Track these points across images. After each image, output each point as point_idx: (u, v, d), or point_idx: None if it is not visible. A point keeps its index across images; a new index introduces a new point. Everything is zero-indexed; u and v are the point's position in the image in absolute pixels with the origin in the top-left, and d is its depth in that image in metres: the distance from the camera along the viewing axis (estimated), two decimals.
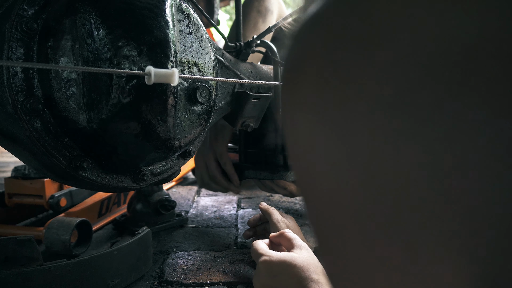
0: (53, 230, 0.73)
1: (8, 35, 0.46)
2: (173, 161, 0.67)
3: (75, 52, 0.49)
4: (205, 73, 0.61)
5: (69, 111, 0.49)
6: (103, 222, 0.93)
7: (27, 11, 0.48)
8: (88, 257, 0.57)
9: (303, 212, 1.08)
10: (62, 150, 0.51)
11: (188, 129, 0.60)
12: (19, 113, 0.47)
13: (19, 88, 0.47)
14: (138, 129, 0.52)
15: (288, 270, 0.50)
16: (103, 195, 0.94)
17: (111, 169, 0.57)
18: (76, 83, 0.49)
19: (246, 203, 1.17)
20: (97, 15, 0.48)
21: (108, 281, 0.60)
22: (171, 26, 0.54)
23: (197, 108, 0.60)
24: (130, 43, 0.49)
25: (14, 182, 0.87)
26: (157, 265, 0.72)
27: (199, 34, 0.60)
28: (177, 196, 1.26)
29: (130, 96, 0.50)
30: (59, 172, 0.52)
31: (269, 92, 0.81)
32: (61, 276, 0.54)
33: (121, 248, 0.62)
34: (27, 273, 0.52)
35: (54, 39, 0.48)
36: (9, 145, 0.52)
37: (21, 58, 0.47)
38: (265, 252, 0.55)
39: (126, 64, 0.49)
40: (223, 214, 1.05)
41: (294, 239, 0.57)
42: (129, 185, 0.60)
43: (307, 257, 0.52)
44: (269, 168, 0.88)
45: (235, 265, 0.71)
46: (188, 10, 0.58)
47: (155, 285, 0.64)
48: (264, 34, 0.82)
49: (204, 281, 0.65)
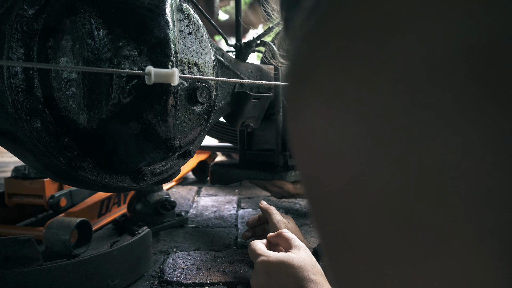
0: (53, 230, 0.73)
1: (8, 35, 0.46)
2: (173, 161, 0.67)
3: (75, 52, 0.49)
4: (205, 73, 0.61)
5: (69, 111, 0.49)
6: (103, 222, 0.93)
7: (27, 11, 0.48)
8: (88, 257, 0.57)
9: (303, 212, 1.08)
10: (62, 150, 0.51)
11: (188, 129, 0.60)
12: (19, 113, 0.47)
13: (20, 88, 0.47)
14: (138, 129, 0.52)
15: (285, 270, 0.50)
16: (103, 195, 0.94)
17: (111, 169, 0.57)
18: (76, 83, 0.49)
19: (246, 203, 1.17)
20: (98, 15, 0.48)
21: (108, 281, 0.60)
22: (171, 26, 0.54)
23: (197, 108, 0.60)
24: (130, 43, 0.49)
25: (14, 182, 0.87)
26: (157, 265, 0.72)
27: (199, 34, 0.60)
28: (177, 196, 1.26)
29: (130, 96, 0.50)
30: (59, 172, 0.52)
31: (269, 92, 0.81)
32: (61, 276, 0.54)
33: (121, 248, 0.62)
34: (27, 273, 0.52)
35: (54, 39, 0.48)
36: (9, 145, 0.52)
37: (21, 58, 0.47)
38: (263, 252, 0.55)
39: (126, 64, 0.49)
40: (223, 214, 1.05)
41: (292, 239, 0.57)
42: (129, 185, 0.60)
43: (305, 257, 0.52)
44: (269, 168, 0.88)
45: (235, 265, 0.71)
46: (188, 10, 0.58)
47: (155, 285, 0.64)
48: (264, 34, 0.82)
49: (204, 281, 0.65)
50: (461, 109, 0.09)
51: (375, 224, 0.12)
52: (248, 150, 0.97)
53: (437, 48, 0.10)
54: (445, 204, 0.10)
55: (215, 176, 0.97)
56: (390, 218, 0.11)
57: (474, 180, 0.09)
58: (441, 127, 0.10)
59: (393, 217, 0.11)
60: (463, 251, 0.10)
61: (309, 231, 0.91)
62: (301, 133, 0.14)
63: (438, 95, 0.10)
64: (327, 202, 0.13)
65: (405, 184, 0.11)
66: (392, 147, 0.11)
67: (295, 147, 0.15)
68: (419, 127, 0.10)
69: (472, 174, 0.09)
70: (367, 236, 0.12)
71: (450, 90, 0.10)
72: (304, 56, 0.13)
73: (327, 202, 0.13)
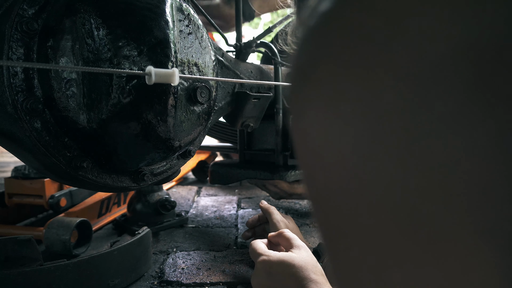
0: (53, 230, 0.73)
1: (8, 35, 0.46)
2: (173, 161, 0.67)
3: (75, 52, 0.49)
4: (205, 73, 0.61)
5: (69, 111, 0.49)
6: (103, 222, 0.93)
7: (27, 11, 0.48)
8: (88, 257, 0.57)
9: (303, 212, 1.08)
10: (62, 150, 0.51)
11: (188, 129, 0.60)
12: (19, 113, 0.47)
13: (19, 88, 0.47)
14: (138, 129, 0.52)
15: (286, 270, 0.50)
16: (103, 195, 0.94)
17: (111, 169, 0.57)
18: (76, 83, 0.49)
19: (246, 203, 1.18)
20: (97, 15, 0.48)
21: (108, 281, 0.60)
22: (171, 26, 0.54)
23: (197, 108, 0.60)
24: (130, 43, 0.49)
25: (14, 182, 0.87)
26: (157, 265, 0.72)
27: (199, 34, 0.60)
28: (177, 196, 1.26)
29: (130, 96, 0.50)
30: (59, 172, 0.52)
31: (269, 92, 0.81)
32: (61, 276, 0.54)
33: (121, 248, 0.62)
34: (27, 273, 0.52)
35: (54, 39, 0.48)
36: (9, 145, 0.52)
37: (21, 58, 0.47)
38: (264, 252, 0.55)
39: (126, 64, 0.49)
40: (223, 214, 1.05)
41: (292, 239, 0.57)
42: (129, 185, 0.60)
43: (306, 257, 0.52)
44: (269, 168, 0.88)
45: (235, 265, 0.71)
46: (188, 10, 0.58)
47: (155, 285, 0.64)
48: (264, 34, 0.82)
49: (204, 281, 0.65)
50: (462, 108, 0.09)
51: (376, 223, 0.12)
52: (248, 150, 0.97)
53: (439, 48, 0.10)
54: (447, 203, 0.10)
55: (215, 176, 0.97)
56: (391, 217, 0.11)
57: (475, 179, 0.09)
58: (442, 126, 0.10)
59: (394, 216, 0.11)
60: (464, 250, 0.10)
61: (309, 231, 0.91)
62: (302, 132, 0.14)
63: (440, 94, 0.10)
64: (328, 201, 0.13)
65: (406, 183, 0.11)
66: (393, 146, 0.11)
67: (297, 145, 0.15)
68: (420, 126, 0.10)
69: (473, 173, 0.09)
70: (368, 235, 0.12)
71: (451, 89, 0.10)
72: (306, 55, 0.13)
73: (328, 200, 0.13)
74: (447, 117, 0.10)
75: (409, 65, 0.10)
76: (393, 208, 0.11)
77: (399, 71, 0.10)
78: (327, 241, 0.14)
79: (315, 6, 0.13)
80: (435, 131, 0.10)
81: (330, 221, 0.14)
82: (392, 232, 0.11)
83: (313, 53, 0.13)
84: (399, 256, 0.11)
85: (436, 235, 0.10)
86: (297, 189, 0.96)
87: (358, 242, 0.12)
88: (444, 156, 0.10)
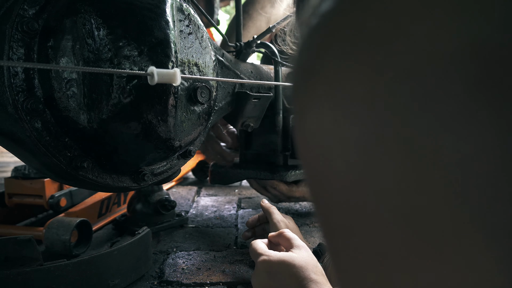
0: (53, 230, 0.73)
1: (8, 35, 0.46)
2: (174, 161, 0.67)
3: (75, 52, 0.49)
4: (206, 73, 0.61)
5: (69, 111, 0.49)
6: (103, 222, 0.93)
7: (28, 11, 0.48)
8: (88, 257, 0.57)
9: (303, 212, 1.08)
10: (62, 150, 0.51)
11: (189, 129, 0.60)
12: (20, 113, 0.47)
13: (20, 88, 0.47)
14: (139, 129, 0.52)
15: (287, 270, 0.50)
16: (103, 195, 0.94)
17: (112, 169, 0.57)
18: (76, 83, 0.49)
19: (246, 203, 1.18)
20: (98, 15, 0.48)
21: (108, 281, 0.60)
22: (171, 26, 0.54)
23: (197, 108, 0.60)
24: (130, 43, 0.49)
25: (14, 182, 0.87)
26: (157, 265, 0.72)
27: (200, 34, 0.60)
28: (177, 196, 1.26)
29: (131, 96, 0.50)
30: (60, 172, 0.52)
31: (269, 92, 0.81)
32: (61, 276, 0.54)
33: (121, 248, 0.62)
34: (27, 273, 0.52)
35: (55, 39, 0.48)
36: (9, 145, 0.52)
37: (21, 58, 0.47)
38: (264, 252, 0.55)
39: (126, 64, 0.49)
40: (223, 214, 1.05)
41: (293, 239, 0.57)
42: (129, 185, 0.60)
43: (306, 257, 0.52)
44: (269, 168, 0.88)
45: (235, 265, 0.71)
46: (188, 10, 0.58)
47: (155, 285, 0.64)
48: (264, 34, 0.82)
49: (204, 281, 0.65)
50: (465, 108, 0.10)
51: (379, 222, 0.12)
52: (248, 150, 0.97)
53: (442, 47, 0.10)
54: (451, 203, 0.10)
55: (215, 176, 0.97)
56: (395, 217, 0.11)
57: (479, 179, 0.09)
58: (446, 126, 0.10)
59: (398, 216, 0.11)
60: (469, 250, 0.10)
61: (309, 231, 0.91)
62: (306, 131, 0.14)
63: (443, 94, 0.10)
64: (332, 201, 0.13)
65: (409, 183, 0.11)
66: (396, 145, 0.11)
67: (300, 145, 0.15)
68: (424, 125, 0.10)
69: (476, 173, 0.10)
70: (371, 234, 0.12)
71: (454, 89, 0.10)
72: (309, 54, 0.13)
73: (332, 200, 0.13)
74: (450, 117, 0.10)
75: (411, 65, 0.10)
76: (396, 208, 0.11)
77: (402, 71, 0.10)
78: (329, 241, 0.14)
79: (317, 5, 0.13)
80: (439, 131, 0.10)
81: (332, 221, 0.14)
82: (395, 232, 0.11)
83: (316, 53, 0.13)
84: (403, 256, 0.11)
85: (439, 235, 0.10)
86: (295, 193, 0.96)
87: (361, 242, 0.12)
88: (447, 156, 0.10)
